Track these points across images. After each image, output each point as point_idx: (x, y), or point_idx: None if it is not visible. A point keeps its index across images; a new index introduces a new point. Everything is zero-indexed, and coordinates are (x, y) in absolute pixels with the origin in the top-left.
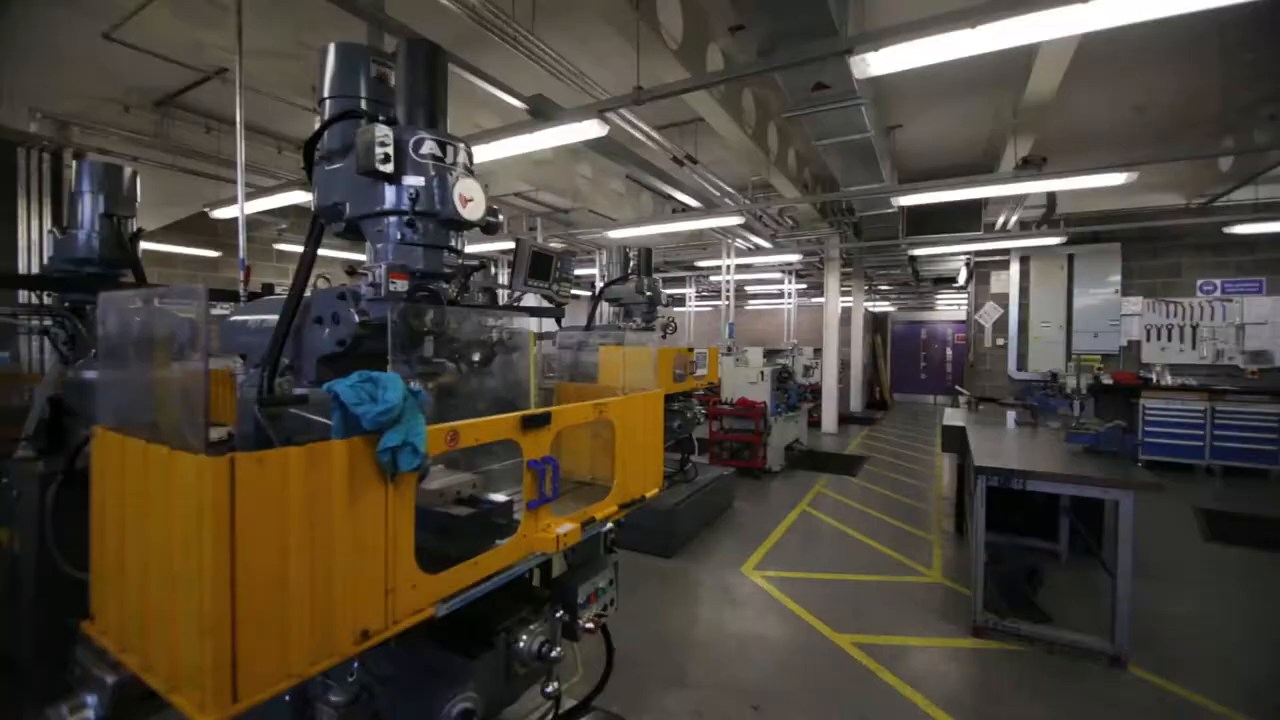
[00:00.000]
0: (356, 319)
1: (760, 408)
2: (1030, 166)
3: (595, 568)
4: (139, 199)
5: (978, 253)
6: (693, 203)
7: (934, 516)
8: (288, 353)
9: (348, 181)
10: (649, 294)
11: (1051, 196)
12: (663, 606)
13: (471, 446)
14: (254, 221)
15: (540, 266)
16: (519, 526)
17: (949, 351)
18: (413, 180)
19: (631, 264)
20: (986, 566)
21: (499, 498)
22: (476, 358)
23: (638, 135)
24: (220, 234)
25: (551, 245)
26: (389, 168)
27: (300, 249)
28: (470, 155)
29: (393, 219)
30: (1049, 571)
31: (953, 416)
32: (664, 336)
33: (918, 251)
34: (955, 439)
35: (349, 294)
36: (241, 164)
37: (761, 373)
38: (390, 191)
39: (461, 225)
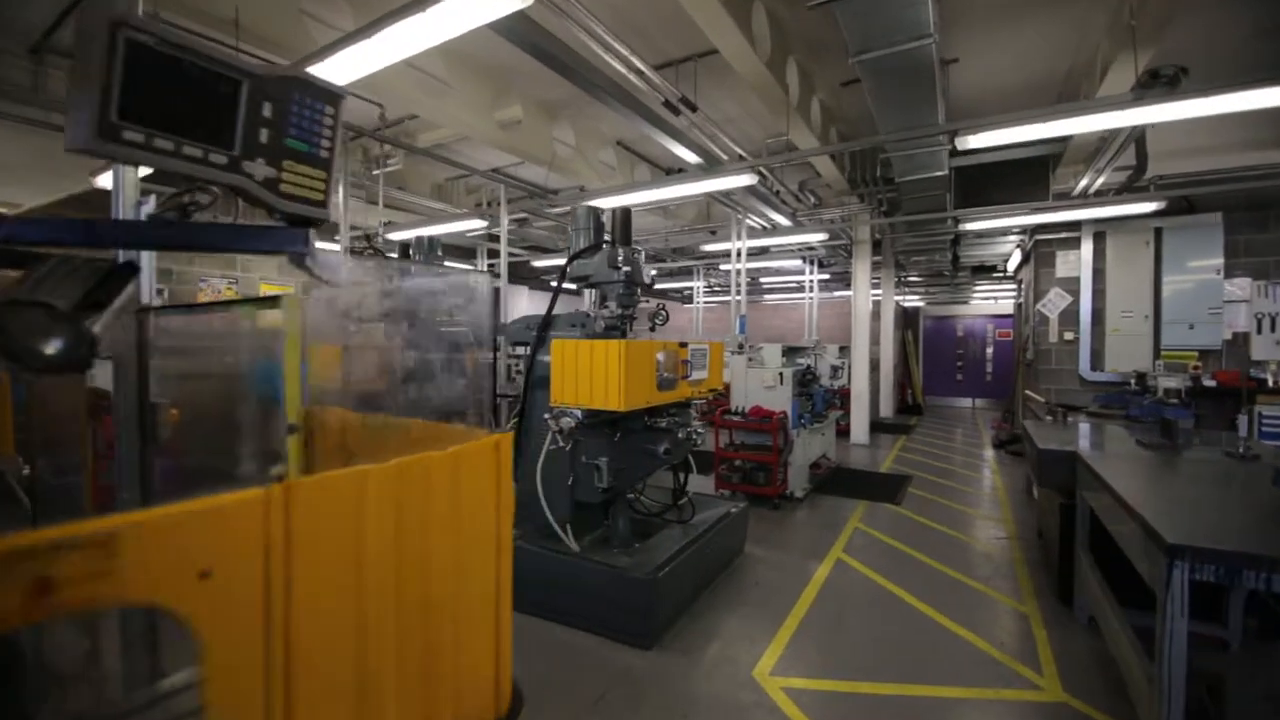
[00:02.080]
0: None
1: (779, 419)
2: (1160, 82)
3: None
4: None
5: (1039, 228)
6: (692, 158)
7: (1016, 569)
8: None
9: None
10: (626, 269)
11: (1141, 153)
12: None
13: None
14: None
15: (184, 92)
16: None
17: (989, 350)
18: None
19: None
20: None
21: None
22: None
23: (619, 66)
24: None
25: (272, 66)
26: None
27: None
28: None
29: None
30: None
31: (1042, 435)
32: (653, 329)
33: (970, 225)
34: (1060, 470)
35: None
36: None
37: (780, 375)
38: None
39: None
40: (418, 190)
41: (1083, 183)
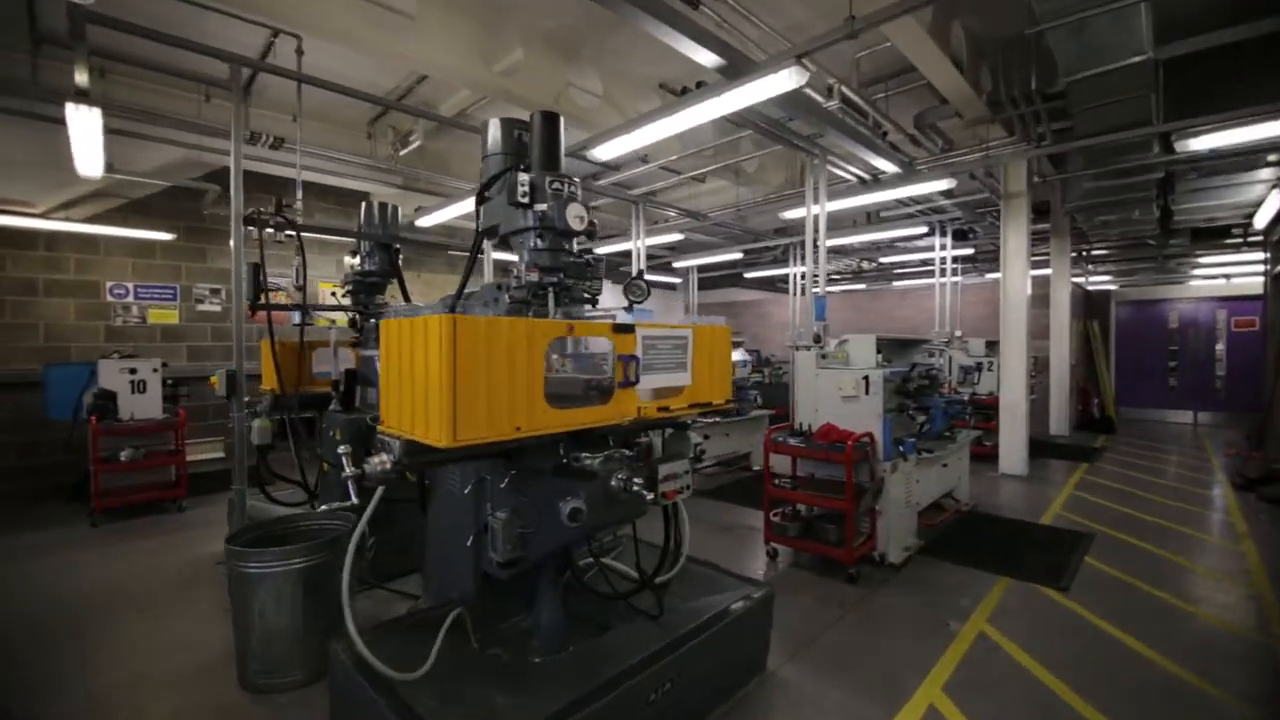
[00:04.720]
0: None
1: (858, 444)
2: None
3: None
4: None
5: None
6: (713, 60)
7: None
8: None
9: None
10: (538, 208)
11: None
12: None
13: None
14: (192, 191)
15: None
16: None
17: (1219, 346)
18: None
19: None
20: None
21: None
22: None
23: None
24: (167, 211)
25: None
26: None
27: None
28: None
29: None
30: None
31: None
32: (629, 308)
33: (1194, 144)
34: None
35: None
36: None
37: (864, 379)
38: None
39: None
40: (464, 174)
41: None
